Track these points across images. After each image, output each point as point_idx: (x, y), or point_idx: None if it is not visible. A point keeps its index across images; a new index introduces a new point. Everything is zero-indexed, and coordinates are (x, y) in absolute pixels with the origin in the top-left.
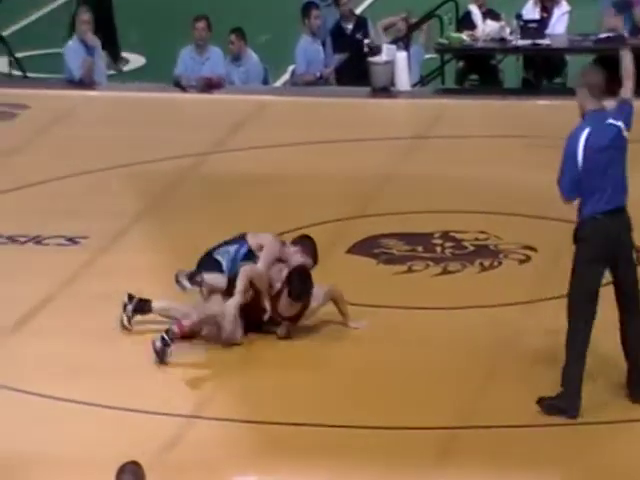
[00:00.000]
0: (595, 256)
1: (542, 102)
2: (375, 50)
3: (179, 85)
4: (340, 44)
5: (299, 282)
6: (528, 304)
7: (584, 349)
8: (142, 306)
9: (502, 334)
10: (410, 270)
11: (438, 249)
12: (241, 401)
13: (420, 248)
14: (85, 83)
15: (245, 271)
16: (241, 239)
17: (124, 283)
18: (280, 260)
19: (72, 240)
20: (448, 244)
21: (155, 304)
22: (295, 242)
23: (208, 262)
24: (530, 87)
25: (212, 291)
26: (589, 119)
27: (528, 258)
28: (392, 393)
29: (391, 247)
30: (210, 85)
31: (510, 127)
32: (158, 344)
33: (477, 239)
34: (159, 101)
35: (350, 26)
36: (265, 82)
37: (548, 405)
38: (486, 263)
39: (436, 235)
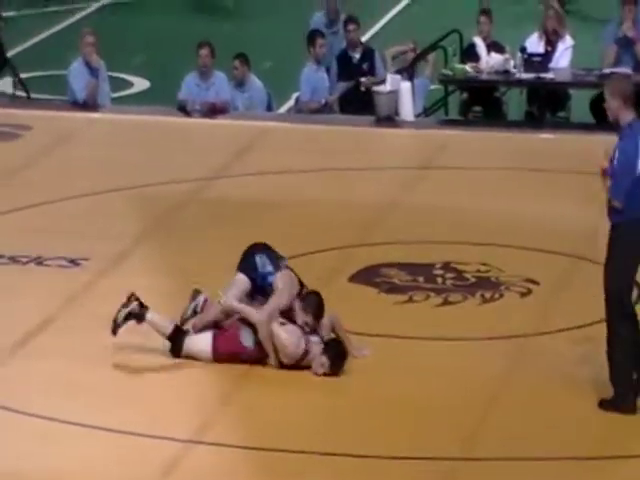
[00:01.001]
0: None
1: (545, 135)
2: (375, 84)
3: (183, 109)
4: (346, 72)
5: (339, 360)
6: (529, 337)
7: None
8: (138, 313)
9: (503, 366)
10: (411, 300)
11: (439, 280)
12: (241, 427)
13: (421, 278)
14: (89, 105)
15: (246, 313)
16: (276, 269)
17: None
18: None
19: (73, 262)
20: (449, 275)
21: (149, 315)
22: (300, 297)
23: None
24: (533, 120)
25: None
26: (635, 129)
27: (530, 291)
28: (393, 422)
29: (392, 277)
30: (214, 110)
31: (513, 160)
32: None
33: (479, 271)
34: (163, 125)
35: (357, 55)
36: (269, 108)
37: (606, 405)
38: (487, 295)
39: (437, 266)
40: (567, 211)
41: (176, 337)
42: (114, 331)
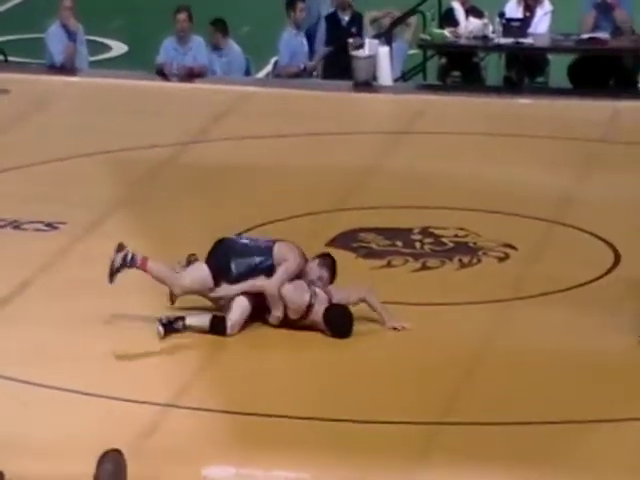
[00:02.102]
0: None
1: (524, 100)
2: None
3: (161, 73)
4: (334, 34)
5: (340, 322)
6: (507, 302)
7: None
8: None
9: (481, 331)
10: (389, 265)
11: (417, 245)
12: (219, 390)
13: (399, 243)
14: (66, 69)
15: (254, 287)
16: (268, 250)
17: (101, 270)
18: (298, 276)
19: (50, 225)
20: (427, 240)
21: (151, 263)
22: (316, 256)
23: (220, 262)
24: (512, 85)
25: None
26: None
27: (507, 256)
28: (372, 388)
29: (370, 241)
30: (192, 74)
31: (491, 125)
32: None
33: (457, 236)
34: (141, 89)
35: (346, 17)
36: (247, 73)
37: None
38: (465, 260)
39: (415, 231)
40: (545, 176)
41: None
42: (111, 278)
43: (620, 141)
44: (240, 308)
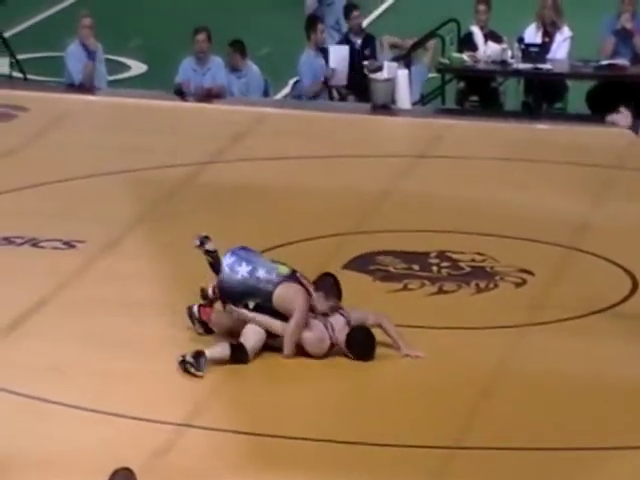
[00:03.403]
0: None
1: (542, 126)
2: (378, 69)
3: (180, 93)
4: (348, 58)
5: (363, 345)
6: (523, 327)
7: None
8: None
9: (497, 356)
10: (406, 288)
11: (434, 269)
12: (234, 412)
13: (416, 267)
14: (85, 87)
15: (271, 327)
16: (268, 296)
17: (119, 288)
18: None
19: (68, 244)
20: (444, 264)
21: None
22: (317, 286)
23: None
24: (530, 111)
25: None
26: None
27: (524, 281)
28: (386, 411)
29: (387, 265)
30: (210, 95)
31: (509, 150)
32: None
33: (474, 260)
34: (159, 109)
35: (359, 41)
36: (266, 94)
37: None
38: (482, 285)
39: (433, 254)
40: (562, 202)
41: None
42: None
43: (637, 168)
44: (256, 334)
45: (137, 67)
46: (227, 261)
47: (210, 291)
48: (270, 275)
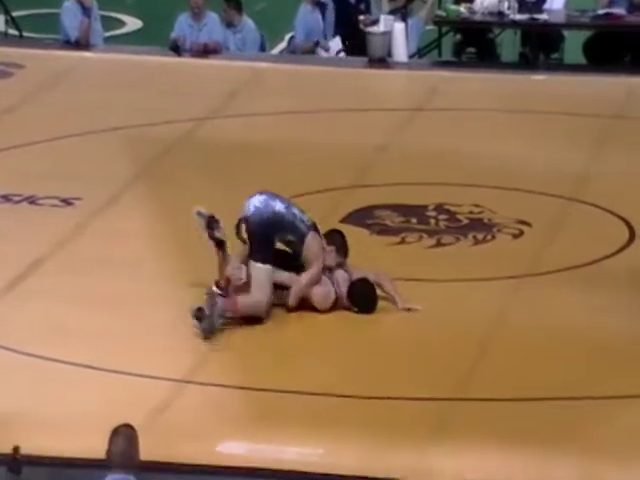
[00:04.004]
0: None
1: (538, 77)
2: (373, 23)
3: (175, 50)
4: (343, 13)
5: (365, 298)
6: (521, 278)
7: None
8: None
9: (495, 308)
10: (403, 242)
11: (432, 221)
12: (234, 367)
13: (414, 220)
14: (81, 44)
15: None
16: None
17: (118, 246)
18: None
19: (66, 201)
20: (442, 217)
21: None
22: (328, 240)
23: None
24: (527, 62)
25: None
26: None
27: (522, 233)
28: (386, 364)
29: (385, 218)
30: (206, 51)
31: (506, 101)
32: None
33: (471, 212)
34: (155, 65)
35: None
36: (262, 49)
37: None
38: (480, 237)
39: (430, 207)
40: (560, 153)
41: None
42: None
43: (636, 117)
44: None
45: (132, 23)
46: (257, 199)
47: (214, 287)
48: (303, 216)
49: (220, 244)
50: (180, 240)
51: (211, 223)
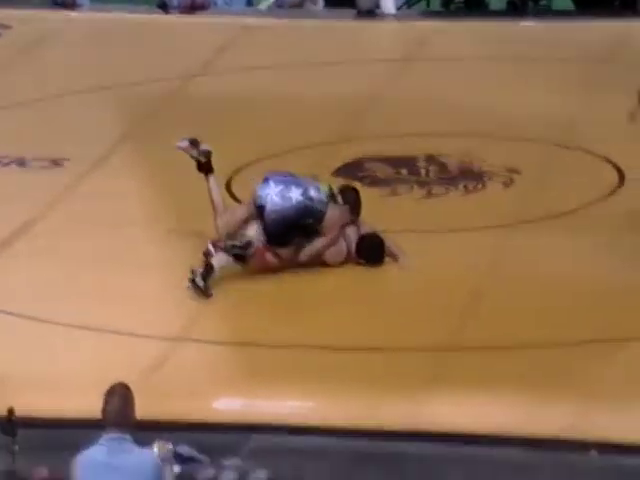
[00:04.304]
0: None
1: (527, 24)
2: None
3: (163, 7)
4: None
5: (372, 254)
6: (512, 227)
7: None
8: (208, 271)
9: (487, 257)
10: (394, 193)
11: (422, 172)
12: (229, 324)
13: (404, 171)
14: (67, 4)
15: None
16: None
17: (109, 207)
18: None
19: (55, 162)
20: (432, 167)
21: (215, 262)
22: (341, 195)
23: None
24: (515, 9)
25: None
26: None
27: (512, 181)
28: (378, 315)
29: (376, 170)
30: (194, 7)
31: (495, 49)
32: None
33: (462, 162)
34: (142, 23)
35: None
36: (249, 4)
37: None
38: (470, 186)
39: (421, 158)
40: (549, 99)
41: None
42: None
43: (624, 62)
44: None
45: None
46: (273, 191)
47: (210, 246)
48: (320, 195)
49: (203, 167)
50: (171, 199)
51: (193, 143)
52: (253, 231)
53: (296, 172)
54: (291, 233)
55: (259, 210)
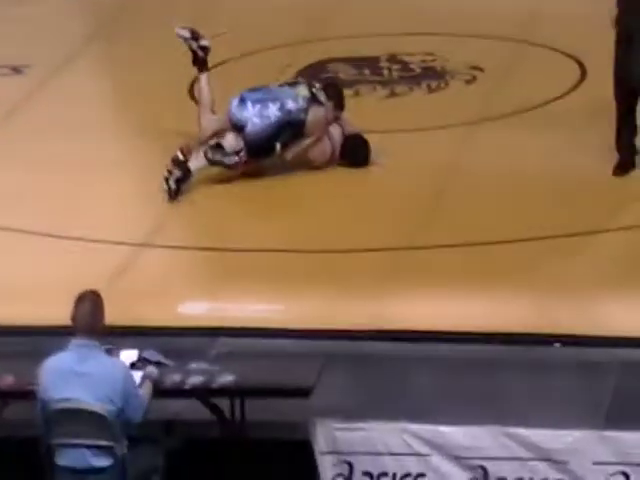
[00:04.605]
0: None
1: None
2: None
3: None
4: None
5: (357, 153)
6: (475, 124)
7: None
8: (185, 174)
9: (450, 155)
10: (357, 94)
11: (385, 72)
12: (192, 228)
13: (367, 72)
14: None
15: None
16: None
17: (74, 111)
18: None
19: (16, 69)
20: (395, 67)
21: (192, 165)
22: (325, 91)
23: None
24: None
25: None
26: None
27: (475, 78)
28: (339, 217)
29: (339, 71)
30: None
31: None
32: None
33: (424, 61)
34: None
35: None
36: None
37: None
38: (433, 85)
39: (383, 58)
40: None
41: None
42: (172, 198)
43: None
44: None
45: None
46: (252, 112)
47: (179, 154)
48: (298, 103)
49: (199, 61)
50: (138, 101)
51: (194, 34)
52: (232, 141)
53: (262, 74)
54: (273, 147)
55: (238, 129)
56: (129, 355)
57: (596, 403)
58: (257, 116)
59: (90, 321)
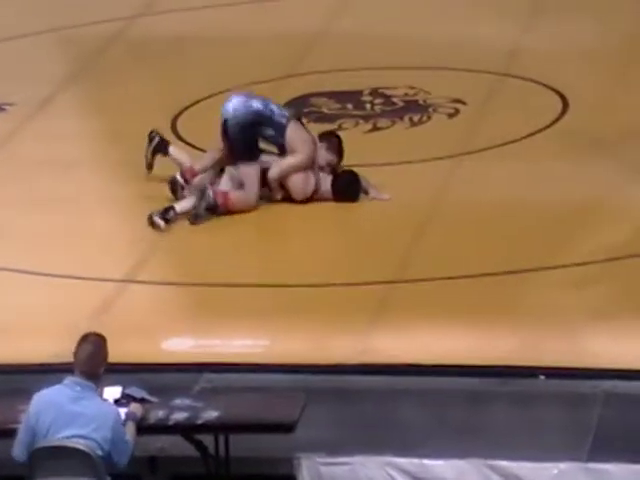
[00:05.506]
0: None
1: None
2: None
3: None
4: None
5: (347, 189)
6: (457, 157)
7: None
8: (162, 146)
9: (434, 188)
10: (340, 128)
11: (368, 106)
12: (176, 264)
13: (350, 106)
14: None
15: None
16: (281, 128)
17: (55, 149)
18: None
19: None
20: (378, 100)
21: (171, 148)
22: (321, 138)
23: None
24: None
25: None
26: None
27: (457, 111)
28: (325, 252)
29: (321, 106)
30: None
31: None
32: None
33: (406, 94)
34: None
35: None
36: None
37: None
38: (415, 118)
39: (365, 92)
40: (492, 28)
41: None
42: (149, 168)
43: None
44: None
45: None
46: (235, 101)
47: (179, 176)
48: (282, 111)
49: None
50: (122, 140)
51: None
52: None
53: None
54: (255, 146)
55: (224, 126)
56: (113, 392)
57: (581, 435)
58: (240, 104)
59: (89, 363)
